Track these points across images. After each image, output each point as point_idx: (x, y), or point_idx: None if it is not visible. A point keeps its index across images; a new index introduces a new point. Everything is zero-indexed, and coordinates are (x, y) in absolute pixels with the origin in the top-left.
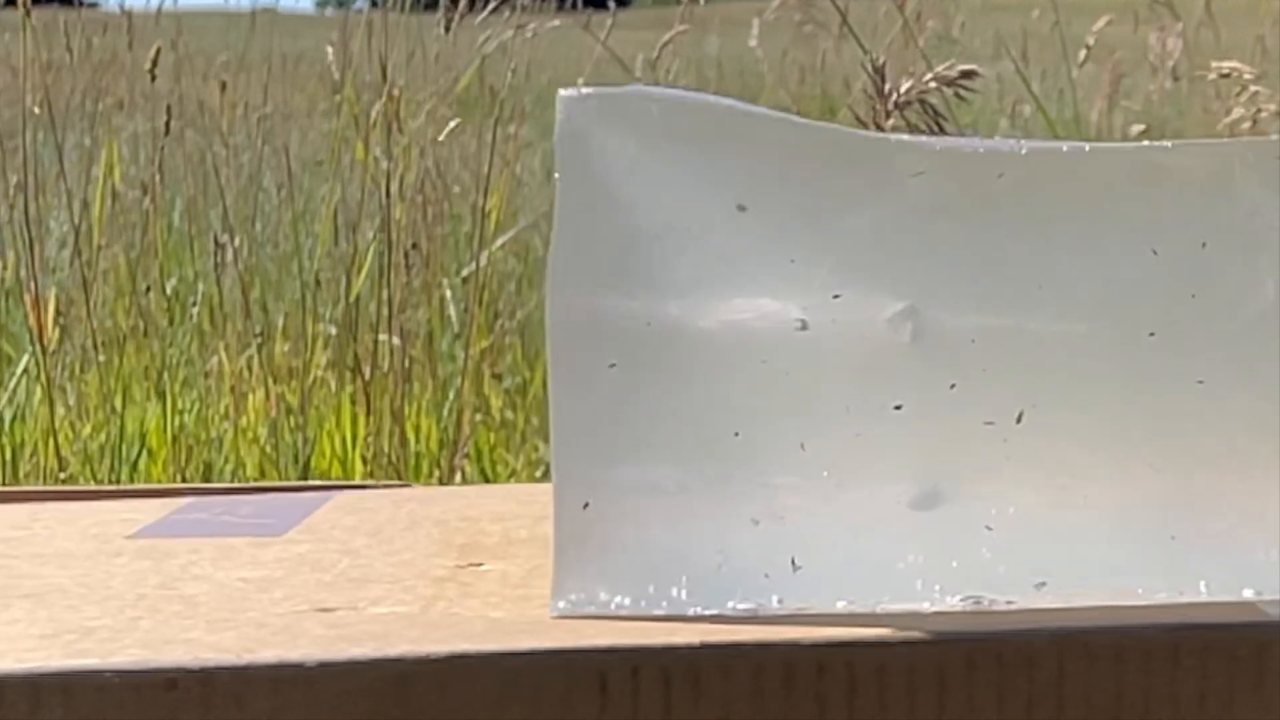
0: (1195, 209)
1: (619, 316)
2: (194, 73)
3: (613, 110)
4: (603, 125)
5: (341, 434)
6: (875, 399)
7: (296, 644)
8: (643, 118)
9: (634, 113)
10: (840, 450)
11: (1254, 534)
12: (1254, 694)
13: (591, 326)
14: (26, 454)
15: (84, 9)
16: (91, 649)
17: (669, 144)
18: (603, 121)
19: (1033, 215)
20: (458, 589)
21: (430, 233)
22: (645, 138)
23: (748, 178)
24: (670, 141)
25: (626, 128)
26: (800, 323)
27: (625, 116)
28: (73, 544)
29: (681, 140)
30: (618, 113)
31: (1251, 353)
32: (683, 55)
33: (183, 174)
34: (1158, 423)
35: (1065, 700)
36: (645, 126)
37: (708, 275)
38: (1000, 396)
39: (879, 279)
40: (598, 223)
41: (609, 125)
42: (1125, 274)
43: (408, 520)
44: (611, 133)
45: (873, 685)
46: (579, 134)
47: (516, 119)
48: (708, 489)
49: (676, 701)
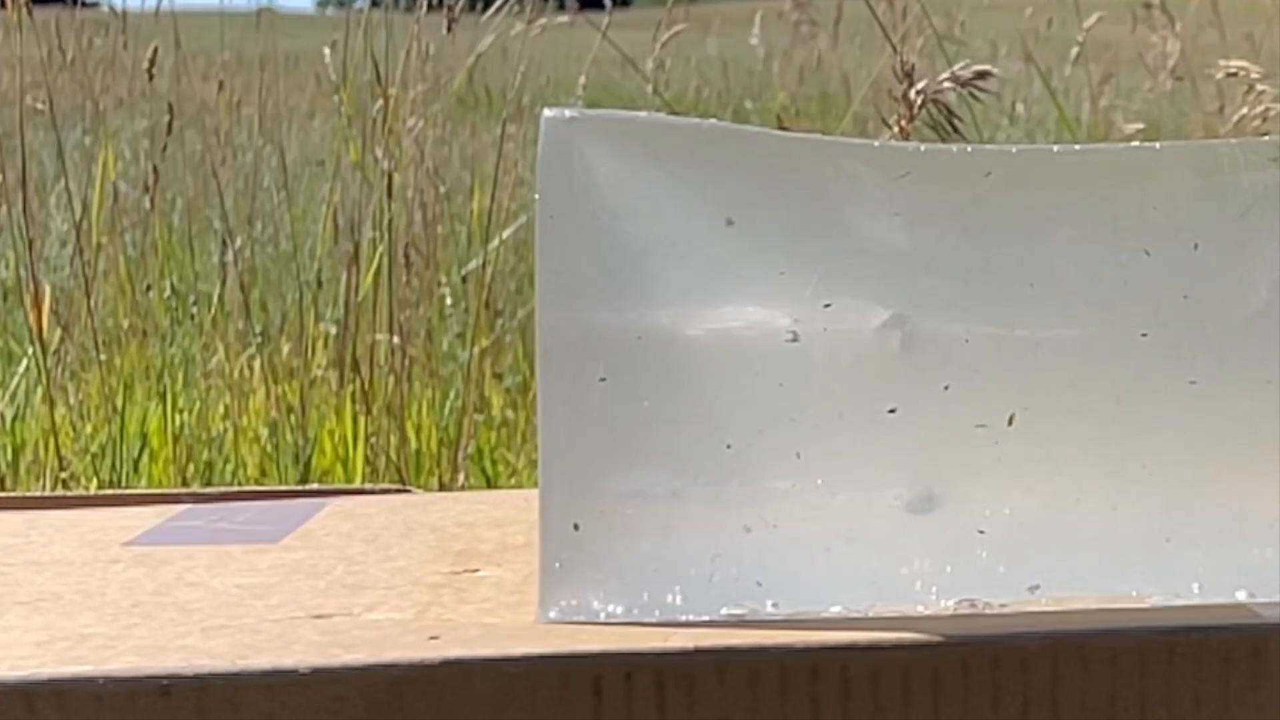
0: (1187, 210)
1: (609, 330)
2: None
3: (596, 130)
4: (586, 145)
5: (342, 433)
6: (868, 404)
7: (291, 650)
8: (626, 138)
9: (618, 133)
10: (834, 456)
11: (1247, 535)
12: (1249, 695)
13: (581, 340)
14: (27, 453)
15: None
16: (86, 656)
17: (654, 163)
18: (586, 141)
19: (1023, 216)
20: (453, 595)
21: (430, 232)
22: (630, 157)
23: (734, 193)
24: (655, 160)
25: (610, 148)
26: (791, 334)
27: (609, 137)
28: (69, 551)
29: (666, 159)
30: (601, 133)
31: (1244, 353)
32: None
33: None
34: (1150, 424)
35: (1060, 703)
36: (629, 146)
37: (697, 288)
38: (993, 399)
39: (869, 285)
40: (583, 239)
41: (593, 145)
42: (1117, 275)
43: (404, 526)
44: (595, 152)
45: (867, 689)
46: (562, 153)
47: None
48: (700, 497)
49: (671, 706)
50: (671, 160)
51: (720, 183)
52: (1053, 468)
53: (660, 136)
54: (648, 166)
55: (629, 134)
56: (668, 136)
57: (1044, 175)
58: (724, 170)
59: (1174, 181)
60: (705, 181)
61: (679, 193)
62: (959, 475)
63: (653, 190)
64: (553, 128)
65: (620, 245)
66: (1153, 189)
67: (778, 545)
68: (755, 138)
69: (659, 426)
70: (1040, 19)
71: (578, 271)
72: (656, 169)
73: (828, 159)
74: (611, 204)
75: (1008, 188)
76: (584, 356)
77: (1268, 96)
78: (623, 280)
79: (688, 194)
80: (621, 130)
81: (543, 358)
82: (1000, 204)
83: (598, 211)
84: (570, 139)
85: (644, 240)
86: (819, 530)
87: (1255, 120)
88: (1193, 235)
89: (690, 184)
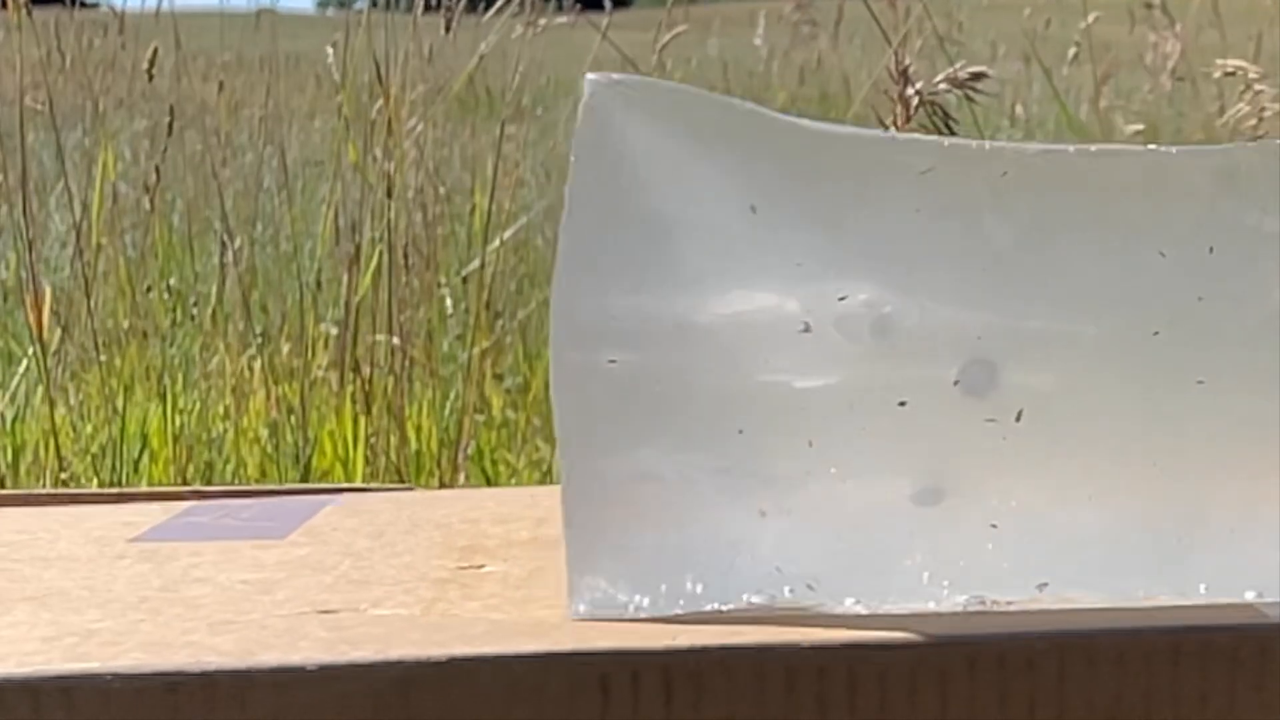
0: (1203, 213)
1: (623, 312)
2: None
3: (638, 97)
4: (626, 111)
5: (342, 434)
6: (878, 396)
7: (298, 646)
8: (666, 108)
9: (658, 102)
10: (844, 446)
11: (1256, 536)
12: (1255, 695)
13: (596, 320)
14: (27, 454)
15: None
16: (93, 652)
17: (689, 138)
18: (627, 107)
19: (1039, 215)
20: (459, 591)
21: (430, 232)
22: (667, 128)
23: (761, 180)
24: (691, 136)
25: (649, 116)
26: (803, 324)
27: (650, 105)
28: (76, 547)
29: (702, 136)
30: (642, 100)
31: (1256, 355)
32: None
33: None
34: (1160, 423)
35: (1066, 702)
36: (668, 117)
37: (714, 272)
38: (1003, 394)
39: (883, 278)
40: (610, 210)
41: (632, 111)
42: (1131, 275)
43: (409, 522)
44: (633, 119)
45: (874, 688)
46: (602, 117)
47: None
48: (713, 482)
49: (678, 704)
50: (707, 138)
51: (749, 168)
52: (1062, 464)
53: (699, 112)
54: (682, 141)
55: (669, 105)
56: (706, 113)
57: (1061, 175)
58: (754, 155)
59: (1190, 184)
60: (735, 165)
61: (709, 173)
62: (968, 469)
63: (684, 167)
64: (596, 90)
65: (644, 222)
66: (1169, 191)
67: (792, 532)
68: (787, 126)
69: (670, 410)
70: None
71: (601, 246)
72: (691, 144)
73: (853, 151)
74: (643, 175)
75: (1025, 186)
76: (597, 337)
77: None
78: (642, 260)
79: (717, 175)
80: (663, 100)
81: (556, 333)
82: (1017, 202)
83: (627, 182)
84: (611, 104)
85: (668, 219)
86: (832, 519)
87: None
88: (1208, 238)
89: (721, 165)
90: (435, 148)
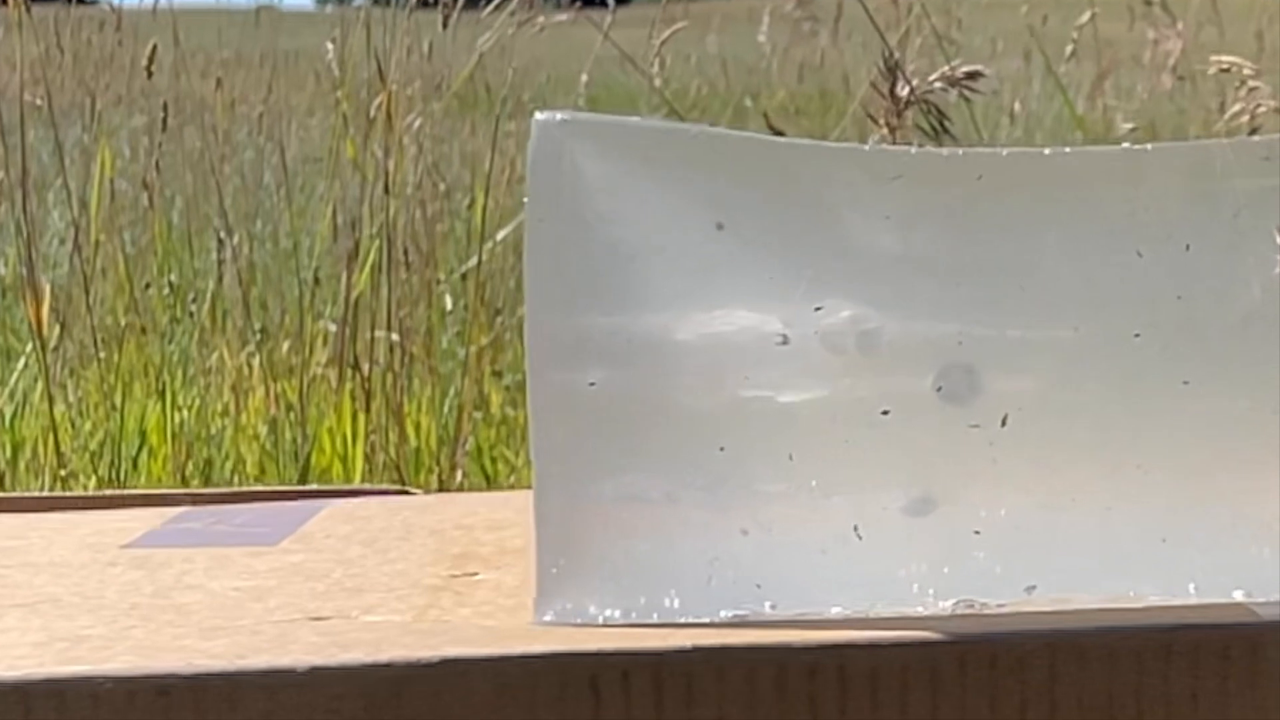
0: (1179, 211)
1: (599, 334)
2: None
3: (587, 134)
4: (577, 148)
5: (341, 431)
6: (860, 406)
7: (289, 650)
8: (617, 142)
9: (608, 137)
10: (827, 458)
11: (1244, 534)
12: (1246, 694)
13: (571, 344)
14: (26, 450)
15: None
16: (84, 656)
17: (644, 167)
18: (577, 144)
19: (1014, 218)
20: (452, 598)
21: (429, 229)
22: (620, 161)
23: (724, 197)
24: (645, 164)
25: (601, 151)
26: (782, 337)
27: (599, 140)
28: (68, 553)
29: (656, 163)
30: (592, 136)
31: (1238, 354)
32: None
33: (182, 171)
34: (1145, 424)
35: (1058, 702)
36: (620, 150)
37: (688, 292)
38: (986, 400)
39: (860, 288)
40: (572, 243)
41: (583, 148)
42: (1109, 276)
43: (403, 529)
44: (586, 156)
45: (865, 688)
46: (552, 156)
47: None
48: (694, 500)
49: (668, 705)
50: (661, 165)
51: (710, 187)
52: (1048, 468)
53: (650, 141)
54: (638, 171)
55: (619, 138)
56: (658, 141)
57: (1035, 177)
58: (714, 175)
59: (1166, 182)
60: (695, 186)
61: (669, 197)
62: (953, 476)
63: (642, 194)
64: (543, 130)
65: (610, 249)
66: (1144, 190)
67: (774, 548)
68: (745, 142)
69: (650, 430)
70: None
71: (567, 276)
72: (646, 173)
73: (818, 163)
74: (601, 208)
75: (999, 190)
76: (574, 360)
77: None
78: (613, 284)
79: (678, 198)
80: (612, 134)
81: (533, 362)
82: (991, 206)
83: (587, 215)
84: (561, 142)
85: (634, 244)
86: (815, 532)
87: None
88: (1185, 236)
89: (680, 188)
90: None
